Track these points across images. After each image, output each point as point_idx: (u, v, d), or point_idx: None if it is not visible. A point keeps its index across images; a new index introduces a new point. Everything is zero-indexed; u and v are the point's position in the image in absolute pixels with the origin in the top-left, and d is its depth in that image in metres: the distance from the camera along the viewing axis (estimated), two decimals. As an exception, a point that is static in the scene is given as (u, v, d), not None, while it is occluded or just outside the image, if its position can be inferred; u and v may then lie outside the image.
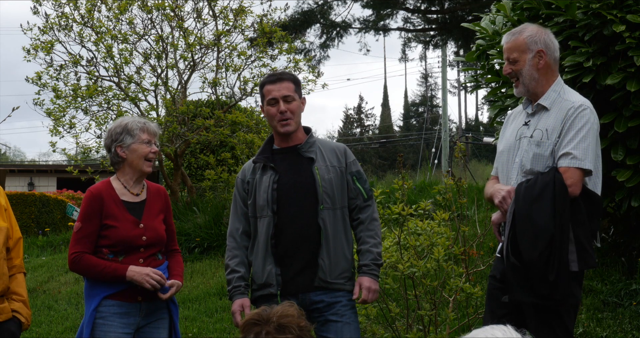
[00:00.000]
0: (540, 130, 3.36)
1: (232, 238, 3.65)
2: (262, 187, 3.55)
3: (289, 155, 3.61)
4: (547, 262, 3.13)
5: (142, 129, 3.72)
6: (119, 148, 3.70)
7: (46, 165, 27.62)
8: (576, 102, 3.35)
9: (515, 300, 3.26)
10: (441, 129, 28.73)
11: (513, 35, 3.46)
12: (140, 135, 3.70)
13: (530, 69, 3.41)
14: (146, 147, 3.71)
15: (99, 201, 3.63)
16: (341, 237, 3.54)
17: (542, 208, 3.16)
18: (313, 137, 3.67)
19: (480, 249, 5.27)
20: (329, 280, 3.48)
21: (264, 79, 3.68)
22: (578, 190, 3.23)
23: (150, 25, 11.62)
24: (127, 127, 3.70)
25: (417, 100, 62.05)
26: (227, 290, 3.63)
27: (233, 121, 11.21)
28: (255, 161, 3.64)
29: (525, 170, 3.37)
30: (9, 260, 3.65)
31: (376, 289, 3.52)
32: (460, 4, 13.73)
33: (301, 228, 3.49)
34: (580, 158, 3.24)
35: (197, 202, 11.08)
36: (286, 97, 3.56)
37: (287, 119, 3.55)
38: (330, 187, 3.52)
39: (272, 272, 3.49)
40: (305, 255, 3.48)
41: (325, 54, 14.83)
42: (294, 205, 3.51)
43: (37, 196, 15.35)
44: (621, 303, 5.60)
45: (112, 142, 3.72)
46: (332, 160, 3.60)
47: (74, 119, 11.39)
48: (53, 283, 9.36)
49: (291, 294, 3.45)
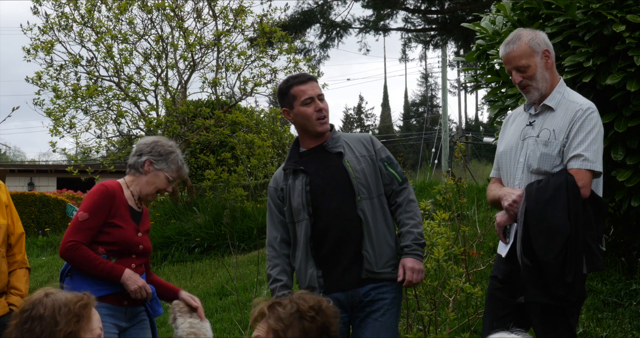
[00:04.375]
0: (547, 130, 3.36)
1: (271, 248, 3.63)
2: (295, 192, 3.53)
3: (317, 155, 3.59)
4: (564, 263, 3.13)
5: (178, 168, 3.72)
6: (149, 162, 3.67)
7: (46, 165, 27.61)
8: (584, 104, 3.36)
9: (531, 301, 3.25)
10: (441, 129, 28.73)
11: (513, 43, 3.42)
12: (171, 171, 3.70)
13: (542, 70, 3.39)
14: (166, 183, 3.71)
15: (111, 198, 3.60)
16: (382, 225, 3.51)
17: (557, 209, 3.16)
18: (337, 132, 3.64)
19: (480, 249, 5.27)
20: (376, 270, 3.45)
21: (289, 81, 3.62)
22: (588, 192, 3.24)
23: (150, 25, 11.63)
24: (170, 157, 3.69)
25: (417, 100, 62.08)
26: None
27: (233, 121, 11.21)
28: (285, 168, 3.63)
29: (532, 169, 3.36)
30: (11, 256, 3.68)
31: (420, 269, 3.47)
32: (460, 4, 13.73)
33: (343, 224, 3.46)
34: (592, 160, 3.25)
35: (197, 202, 11.08)
36: (320, 96, 3.56)
37: (324, 116, 3.55)
38: (364, 176, 3.51)
39: (314, 275, 3.47)
40: (350, 250, 3.46)
41: (325, 54, 14.82)
42: (331, 203, 3.49)
43: (37, 196, 15.35)
44: (621, 303, 5.60)
45: (149, 152, 3.68)
46: (360, 150, 3.59)
47: (74, 119, 11.41)
48: (53, 283, 9.34)
49: (341, 291, 3.44)
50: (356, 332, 3.49)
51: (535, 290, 3.20)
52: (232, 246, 9.22)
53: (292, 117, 3.61)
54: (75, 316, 2.33)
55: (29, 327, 2.29)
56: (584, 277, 3.23)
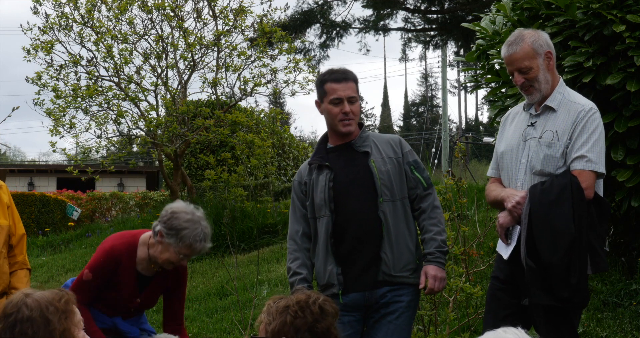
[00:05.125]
0: (550, 131, 3.35)
1: (293, 241, 3.61)
2: (318, 187, 3.51)
3: (344, 152, 3.57)
4: (569, 265, 3.12)
5: (189, 245, 3.53)
6: (160, 234, 3.55)
7: (46, 165, 27.62)
8: (586, 105, 3.35)
9: (536, 303, 3.24)
10: (441, 129, 28.74)
11: (516, 45, 3.40)
12: (180, 248, 3.53)
13: (544, 72, 3.38)
14: (176, 258, 3.57)
15: (116, 263, 3.62)
16: (403, 228, 3.49)
17: (561, 211, 3.16)
18: (366, 131, 3.62)
19: (480, 249, 5.27)
20: (393, 273, 3.43)
21: (326, 75, 3.58)
22: (592, 193, 3.24)
23: (150, 25, 11.63)
24: (181, 233, 3.50)
25: (417, 100, 62.09)
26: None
27: (233, 121, 11.21)
28: (311, 162, 3.61)
29: (535, 171, 3.35)
30: (12, 257, 3.68)
31: (443, 277, 3.45)
32: (460, 4, 13.73)
33: (362, 224, 3.44)
34: (595, 161, 3.25)
35: (197, 202, 11.07)
36: (351, 98, 3.51)
37: (350, 119, 3.52)
38: (388, 178, 3.48)
39: (334, 272, 3.45)
40: (368, 251, 3.43)
41: (325, 54, 14.83)
42: (353, 201, 3.46)
43: (37, 196, 15.34)
44: (621, 303, 5.60)
45: (164, 223, 3.54)
46: (387, 152, 3.56)
47: (74, 119, 11.40)
48: (53, 283, 9.36)
49: (357, 292, 3.43)
50: (369, 332, 3.48)
51: (540, 292, 3.20)
52: (232, 246, 9.22)
53: (321, 110, 3.60)
54: (63, 313, 2.32)
55: (19, 330, 2.25)
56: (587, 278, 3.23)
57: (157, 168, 12.66)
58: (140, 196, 17.32)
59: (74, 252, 11.81)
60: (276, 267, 8.41)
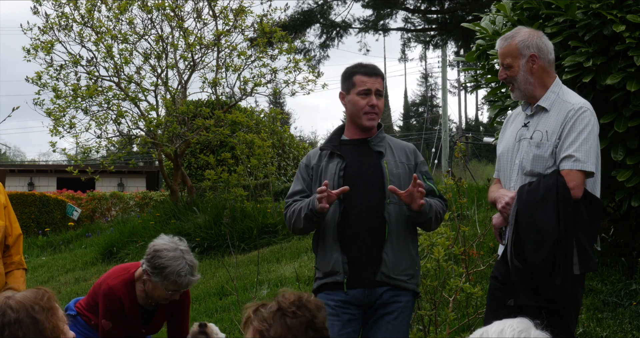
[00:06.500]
0: (540, 131, 3.36)
1: (292, 199, 3.55)
2: (327, 174, 3.47)
3: (358, 147, 3.55)
4: (553, 265, 3.13)
5: (174, 282, 3.57)
6: (146, 273, 3.60)
7: (46, 165, 27.61)
8: (576, 104, 3.34)
9: (521, 304, 3.25)
10: (441, 129, 28.74)
11: (506, 40, 3.44)
12: (167, 285, 3.58)
13: (524, 73, 3.39)
14: (165, 293, 3.62)
15: (120, 300, 3.68)
16: (406, 233, 3.48)
17: (546, 212, 3.16)
18: (383, 133, 3.61)
19: (480, 249, 5.27)
20: (392, 275, 3.42)
21: (356, 67, 3.56)
22: (580, 192, 3.23)
23: (150, 25, 11.63)
24: (165, 271, 3.54)
25: (417, 100, 62.09)
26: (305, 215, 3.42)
27: (233, 121, 11.21)
28: (322, 148, 3.59)
29: (525, 171, 3.36)
30: (8, 257, 3.68)
31: (422, 203, 3.36)
32: (460, 4, 13.73)
33: (367, 221, 3.42)
34: (583, 160, 3.24)
35: (197, 202, 11.08)
36: (379, 92, 3.51)
37: (375, 113, 3.51)
38: (398, 182, 3.44)
39: (339, 259, 3.41)
40: (369, 249, 3.42)
41: (325, 54, 14.83)
42: (360, 197, 3.44)
43: (37, 196, 15.35)
44: (621, 303, 5.59)
45: (147, 262, 3.58)
46: (401, 157, 3.55)
47: (74, 119, 11.40)
48: (53, 283, 9.36)
49: (358, 288, 3.41)
50: (368, 333, 3.48)
51: (526, 293, 3.21)
52: (232, 246, 9.22)
53: (345, 102, 3.57)
54: (48, 310, 2.30)
55: (9, 333, 2.23)
56: (578, 278, 3.22)
57: (157, 168, 12.67)
58: (140, 196, 17.33)
59: (74, 252, 11.82)
60: (276, 267, 8.42)
